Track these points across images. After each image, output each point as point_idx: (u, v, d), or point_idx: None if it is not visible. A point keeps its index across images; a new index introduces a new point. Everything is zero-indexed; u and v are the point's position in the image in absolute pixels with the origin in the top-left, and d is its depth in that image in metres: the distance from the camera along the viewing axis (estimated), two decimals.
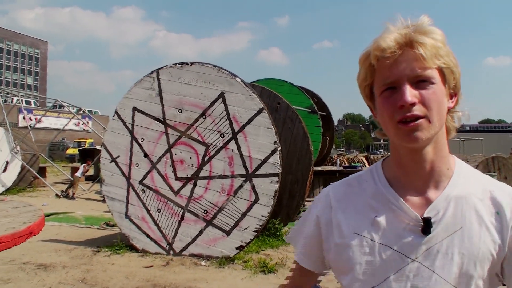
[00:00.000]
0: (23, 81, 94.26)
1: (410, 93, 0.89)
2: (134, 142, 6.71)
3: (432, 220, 0.95)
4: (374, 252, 0.98)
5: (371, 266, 0.98)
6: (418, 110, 0.90)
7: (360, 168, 10.47)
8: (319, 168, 10.29)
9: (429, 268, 0.93)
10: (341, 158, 16.76)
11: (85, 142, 34.90)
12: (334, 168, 10.88)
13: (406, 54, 0.91)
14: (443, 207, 0.96)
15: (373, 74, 0.97)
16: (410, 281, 0.94)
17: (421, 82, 0.91)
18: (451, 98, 0.98)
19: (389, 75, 0.92)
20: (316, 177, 11.09)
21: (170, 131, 6.51)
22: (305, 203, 10.90)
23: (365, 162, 19.92)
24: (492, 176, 10.22)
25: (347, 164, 14.65)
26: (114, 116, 6.92)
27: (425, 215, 0.95)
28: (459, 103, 1.00)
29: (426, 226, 0.94)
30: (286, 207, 7.65)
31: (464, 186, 0.98)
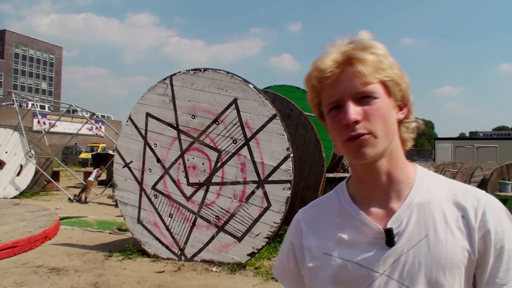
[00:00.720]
0: (38, 86, 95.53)
1: (353, 111, 0.89)
2: (147, 147, 6.76)
3: (395, 230, 0.93)
4: (343, 270, 0.96)
5: (342, 285, 0.96)
6: (362, 127, 0.89)
7: None
8: (331, 175, 10.23)
9: (398, 280, 0.91)
10: (347, 164, 16.70)
11: (98, 146, 35.20)
12: (346, 175, 10.82)
13: (346, 72, 0.91)
14: (406, 216, 0.94)
15: (320, 94, 0.97)
16: None
17: (364, 98, 0.90)
18: (400, 110, 0.97)
19: (332, 94, 0.92)
20: (328, 184, 11.03)
21: (183, 137, 6.54)
22: None
23: None
24: (507, 184, 10.10)
25: None
26: (127, 121, 6.98)
27: (388, 226, 0.93)
28: (411, 112, 1.00)
29: (389, 237, 0.92)
30: None
31: (426, 193, 0.96)
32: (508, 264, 0.90)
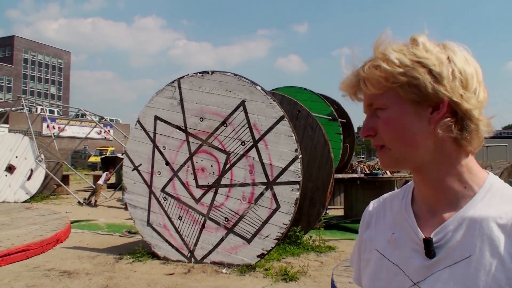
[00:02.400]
0: (47, 90, 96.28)
1: (366, 126, 0.92)
2: (156, 150, 6.79)
3: (437, 243, 0.86)
4: (385, 270, 0.95)
5: (381, 284, 0.96)
6: (377, 140, 0.91)
7: (381, 176, 10.35)
8: (340, 176, 10.21)
9: None
10: (362, 165, 16.61)
11: (107, 150, 35.43)
12: (355, 175, 10.79)
13: (359, 88, 0.92)
14: (452, 229, 0.85)
15: None
16: None
17: (376, 111, 0.91)
18: (436, 110, 0.86)
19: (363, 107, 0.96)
20: (337, 185, 11.02)
21: (191, 139, 6.56)
22: (327, 210, 10.85)
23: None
24: None
25: (368, 172, 14.52)
26: (136, 124, 7.02)
27: (431, 236, 0.87)
28: (462, 108, 0.86)
29: (427, 248, 0.87)
30: (307, 215, 7.62)
31: (485, 208, 0.85)
32: None
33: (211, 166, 6.41)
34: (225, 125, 6.34)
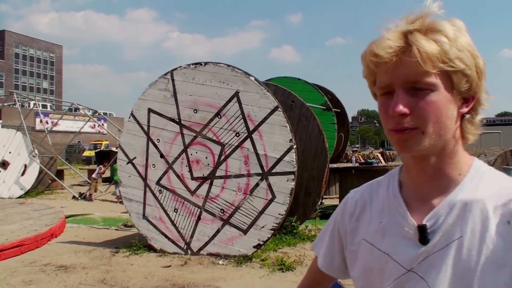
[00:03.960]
0: (39, 85, 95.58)
1: (402, 102, 0.82)
2: (150, 143, 6.76)
3: (430, 228, 0.86)
4: (376, 260, 0.94)
5: (373, 275, 0.94)
6: (409, 121, 0.83)
7: (375, 165, 10.39)
8: (335, 165, 10.23)
9: (424, 279, 0.85)
10: (357, 154, 16.67)
11: (101, 144, 35.30)
12: (349, 165, 10.82)
13: (403, 58, 0.83)
14: (444, 214, 0.86)
15: (375, 74, 0.90)
16: None
17: (418, 90, 0.82)
18: (466, 102, 0.87)
19: (385, 80, 0.86)
20: (332, 174, 11.04)
21: (185, 131, 6.54)
22: (322, 200, 10.88)
23: (381, 158, 19.76)
24: (510, 170, 10.06)
25: (362, 161, 14.56)
26: (129, 117, 6.98)
27: (424, 222, 0.87)
28: (481, 104, 0.89)
29: (422, 234, 0.86)
30: (303, 205, 7.63)
31: (474, 191, 0.86)
32: None
33: (206, 158, 6.40)
34: (219, 116, 6.31)
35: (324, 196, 11.97)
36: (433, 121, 0.83)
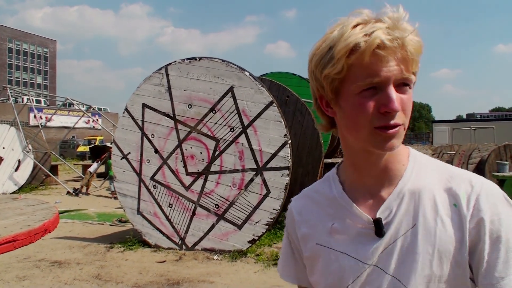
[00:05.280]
0: (33, 80, 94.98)
1: (398, 100, 0.82)
2: (144, 138, 6.74)
3: (384, 220, 0.88)
4: (334, 261, 0.93)
5: (333, 276, 0.93)
6: (399, 118, 0.83)
7: None
8: (330, 160, 10.23)
9: (386, 271, 0.87)
10: None
11: (96, 139, 35.15)
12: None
13: (396, 53, 0.81)
14: (395, 205, 0.89)
15: (350, 68, 0.83)
16: (368, 287, 0.89)
17: (402, 86, 0.83)
18: None
19: (376, 74, 0.81)
20: (326, 169, 11.05)
21: (180, 126, 6.52)
22: None
23: None
24: (504, 165, 10.13)
25: None
26: (124, 113, 6.95)
27: (377, 216, 0.89)
28: None
29: (378, 227, 0.88)
30: None
31: (418, 179, 0.90)
32: (508, 255, 0.81)
33: (201, 153, 6.39)
34: (213, 111, 6.30)
35: None
36: (408, 116, 0.85)
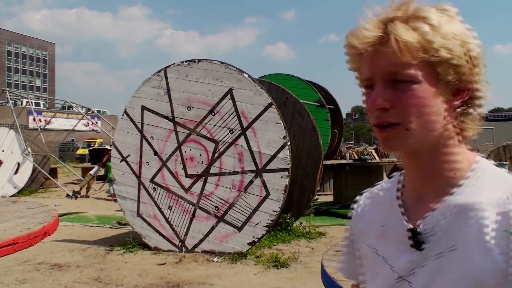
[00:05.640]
0: (32, 83, 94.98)
1: (382, 96, 0.76)
2: (144, 140, 6.74)
3: (425, 234, 0.80)
4: (376, 264, 0.89)
5: (373, 280, 0.91)
6: (391, 116, 0.77)
7: (369, 161, 10.41)
8: (329, 162, 10.25)
9: None
10: (351, 151, 16.71)
11: (95, 142, 35.13)
12: (344, 161, 10.84)
13: (381, 49, 0.76)
14: (440, 218, 0.79)
15: (356, 67, 0.84)
16: None
17: (399, 83, 0.76)
18: (457, 95, 0.79)
19: (365, 72, 0.80)
20: (326, 171, 11.07)
21: (179, 128, 6.52)
22: (316, 197, 10.90)
23: (375, 154, 19.81)
24: (503, 165, 10.14)
25: (356, 157, 14.60)
26: (123, 115, 6.96)
27: (418, 226, 0.81)
28: (477, 95, 0.80)
29: (414, 239, 0.81)
30: (297, 202, 7.64)
31: (474, 194, 0.78)
32: None
33: (200, 155, 6.39)
34: (213, 113, 6.31)
35: (319, 193, 12.01)
36: (415, 116, 0.76)
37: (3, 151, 14.27)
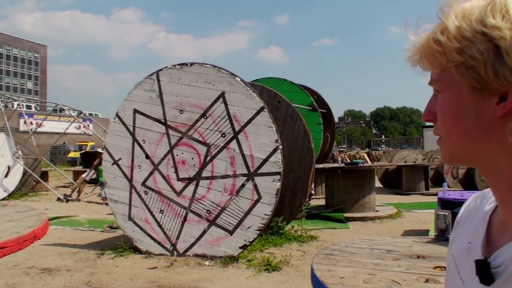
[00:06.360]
0: (23, 85, 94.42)
1: (427, 109, 0.73)
2: (135, 144, 6.72)
3: (496, 268, 0.66)
4: (455, 283, 0.78)
5: None
6: (436, 128, 0.72)
7: (361, 165, 10.43)
8: (321, 166, 10.27)
9: None
10: (343, 155, 16.77)
11: (87, 145, 34.97)
12: (335, 165, 10.86)
13: (421, 58, 0.72)
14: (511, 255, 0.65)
15: None
16: None
17: (436, 92, 0.71)
18: (503, 99, 0.62)
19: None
20: (318, 174, 11.09)
21: (171, 132, 6.52)
22: (309, 200, 10.92)
23: (367, 158, 19.90)
24: None
25: (348, 161, 14.65)
26: (115, 118, 6.94)
27: (491, 257, 0.68)
28: None
29: (478, 270, 0.67)
30: (289, 205, 7.66)
31: None
32: None
33: (192, 158, 6.38)
34: (205, 117, 6.31)
35: (312, 197, 12.03)
36: (448, 128, 0.70)
37: None
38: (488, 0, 0.63)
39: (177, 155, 6.47)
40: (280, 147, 5.99)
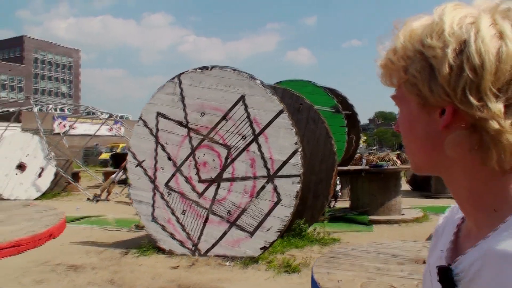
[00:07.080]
0: (58, 89, 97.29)
1: (396, 121, 0.76)
2: (158, 146, 6.88)
3: (458, 275, 0.66)
4: None
5: None
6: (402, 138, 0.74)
7: (386, 167, 10.30)
8: (345, 168, 10.21)
9: None
10: (366, 156, 16.52)
11: (118, 147, 35.70)
12: (360, 167, 10.78)
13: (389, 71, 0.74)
14: (469, 263, 0.65)
15: None
16: None
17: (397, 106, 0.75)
18: (442, 114, 0.64)
19: None
20: (343, 177, 11.03)
21: (193, 134, 6.63)
22: (335, 202, 10.83)
23: (396, 160, 19.51)
24: None
25: (377, 163, 14.48)
26: (138, 121, 7.11)
27: (453, 265, 0.68)
28: (473, 113, 0.59)
29: (441, 277, 0.68)
30: (311, 208, 7.66)
31: (509, 242, 0.60)
32: None
33: (213, 160, 6.48)
34: (225, 119, 6.40)
35: (339, 199, 11.92)
36: (404, 139, 0.73)
37: (27, 155, 14.65)
38: (431, 20, 0.65)
39: (198, 157, 6.58)
40: (300, 149, 6.01)
